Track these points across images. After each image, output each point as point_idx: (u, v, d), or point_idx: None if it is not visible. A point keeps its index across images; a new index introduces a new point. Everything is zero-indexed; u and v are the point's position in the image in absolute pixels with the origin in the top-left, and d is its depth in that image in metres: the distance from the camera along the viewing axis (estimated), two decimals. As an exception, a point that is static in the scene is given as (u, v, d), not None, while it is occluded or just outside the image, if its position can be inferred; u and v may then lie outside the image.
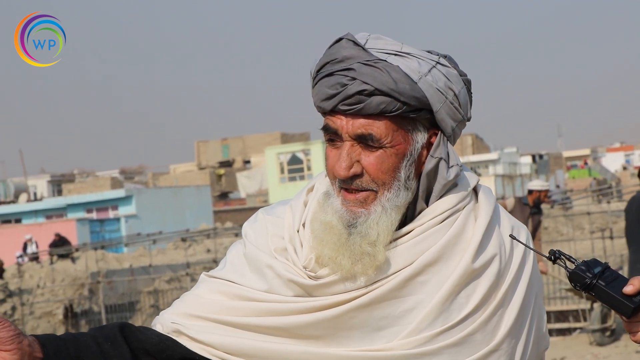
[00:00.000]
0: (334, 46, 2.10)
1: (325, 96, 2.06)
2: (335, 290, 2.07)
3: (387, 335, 2.06)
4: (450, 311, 2.08)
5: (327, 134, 2.09)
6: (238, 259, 2.23)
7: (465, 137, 75.56)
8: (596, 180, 61.82)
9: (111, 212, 49.36)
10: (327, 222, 2.08)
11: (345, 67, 2.05)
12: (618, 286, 2.01)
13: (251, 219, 2.27)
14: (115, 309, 22.41)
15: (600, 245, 18.47)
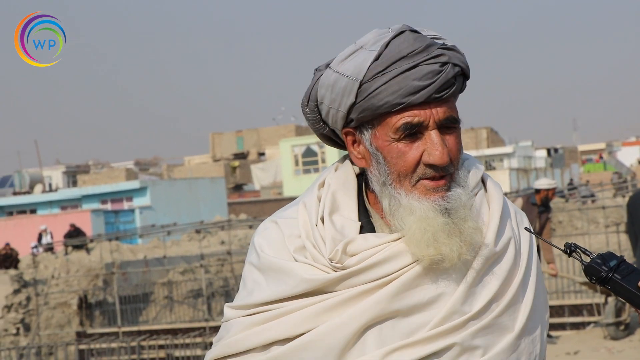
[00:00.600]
0: (397, 41, 2.06)
1: (415, 89, 2.02)
2: (361, 280, 2.06)
3: (417, 323, 2.06)
4: (477, 295, 2.09)
5: (404, 132, 2.05)
6: (255, 275, 2.20)
7: (480, 131, 75.37)
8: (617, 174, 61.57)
9: (126, 203, 49.44)
10: (423, 218, 2.05)
11: (434, 54, 2.05)
12: (634, 280, 2.01)
13: (260, 231, 2.23)
14: (129, 300, 22.48)
15: (615, 240, 18.42)
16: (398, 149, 2.06)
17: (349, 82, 2.06)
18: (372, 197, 2.18)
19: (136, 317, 22.37)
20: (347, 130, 2.14)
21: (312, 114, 2.19)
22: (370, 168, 2.12)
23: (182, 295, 23.65)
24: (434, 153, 2.05)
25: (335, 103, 2.10)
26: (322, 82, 2.12)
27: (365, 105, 2.05)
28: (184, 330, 19.03)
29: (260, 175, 67.48)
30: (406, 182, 2.07)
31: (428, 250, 2.03)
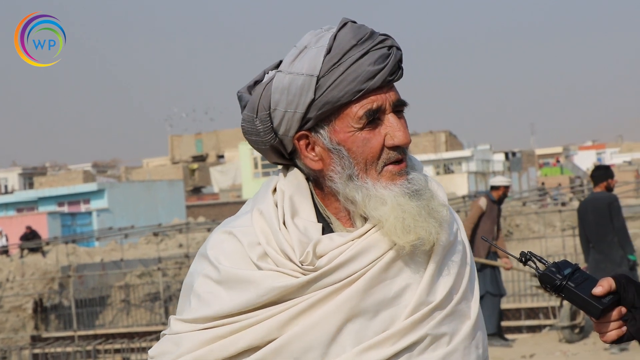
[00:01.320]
0: (342, 33, 2.09)
1: (372, 74, 2.06)
2: (331, 280, 2.05)
3: (389, 317, 2.07)
4: (438, 285, 2.12)
5: (366, 118, 2.08)
6: (212, 287, 2.13)
7: (438, 134, 75.76)
8: (579, 178, 62.14)
9: (83, 205, 49.11)
10: (397, 205, 2.06)
11: (379, 39, 2.09)
12: (587, 287, 2.02)
13: (213, 244, 2.17)
14: (85, 304, 22.32)
15: (571, 243, 18.55)
16: (362, 137, 2.08)
17: (305, 80, 2.07)
18: (324, 199, 2.18)
19: (92, 321, 22.21)
20: (300, 135, 2.12)
21: (263, 124, 2.14)
22: (330, 167, 2.11)
23: (140, 298, 23.53)
24: (396, 134, 2.09)
25: (292, 105, 2.09)
26: (275, 86, 2.10)
27: (326, 99, 2.06)
28: (141, 334, 18.91)
29: (219, 178, 67.37)
30: (372, 170, 2.09)
31: (408, 237, 2.05)
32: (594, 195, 11.58)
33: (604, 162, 77.81)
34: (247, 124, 2.18)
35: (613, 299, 2.01)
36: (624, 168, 68.67)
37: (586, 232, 11.40)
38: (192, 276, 2.19)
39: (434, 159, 70.20)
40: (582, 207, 11.73)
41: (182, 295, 2.24)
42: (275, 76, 2.12)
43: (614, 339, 2.04)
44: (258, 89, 2.15)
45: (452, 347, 2.11)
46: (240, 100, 2.21)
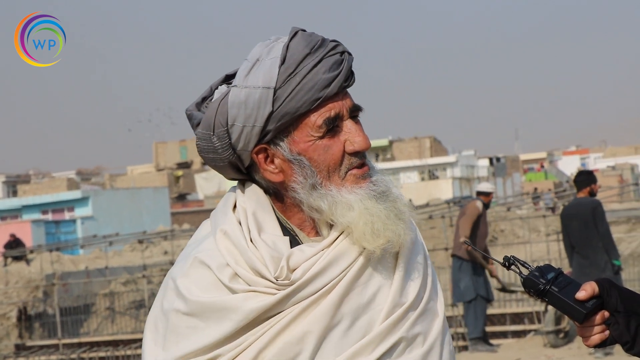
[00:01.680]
0: (294, 42, 2.08)
1: (328, 81, 2.05)
2: (307, 293, 2.04)
3: (366, 323, 2.07)
4: (408, 285, 2.13)
5: (326, 127, 2.07)
6: (188, 321, 2.07)
7: (423, 140, 75.94)
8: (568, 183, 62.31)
9: (67, 213, 48.99)
10: (364, 210, 2.06)
11: (331, 46, 2.08)
12: (571, 292, 2.03)
13: (181, 273, 2.10)
14: (70, 312, 22.23)
15: (556, 248, 18.61)
16: (323, 145, 2.07)
17: (263, 93, 2.04)
18: (285, 212, 2.16)
19: (77, 329, 22.12)
20: (259, 148, 2.09)
21: (221, 141, 2.10)
22: (292, 177, 2.09)
23: (124, 306, 23.46)
24: (356, 140, 2.09)
25: (250, 119, 2.06)
26: (231, 101, 2.06)
27: (284, 111, 2.04)
28: (126, 342, 18.85)
29: (203, 184, 67.36)
30: (335, 176, 2.08)
31: (378, 241, 2.05)
32: (577, 200, 11.62)
33: (587, 167, 78.14)
34: (203, 142, 2.13)
35: (596, 303, 2.02)
36: (607, 173, 68.94)
37: (570, 238, 11.43)
38: (163, 313, 2.12)
39: (418, 164, 70.37)
40: (565, 212, 11.76)
41: (153, 329, 2.14)
42: (231, 91, 2.08)
43: (597, 343, 2.05)
44: (212, 105, 2.11)
45: (428, 346, 2.12)
46: (190, 118, 2.16)
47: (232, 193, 2.19)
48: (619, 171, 72.47)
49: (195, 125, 2.14)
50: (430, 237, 29.69)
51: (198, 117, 2.14)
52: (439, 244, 21.92)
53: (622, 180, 65.99)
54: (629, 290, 2.10)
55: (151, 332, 2.14)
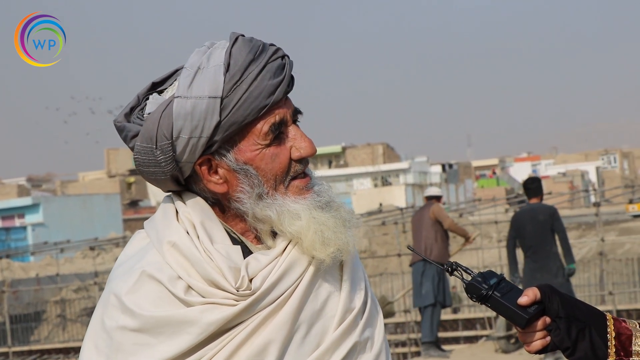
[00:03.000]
0: (236, 49, 2.01)
1: (274, 87, 2.00)
2: (267, 302, 2.01)
3: (321, 330, 2.06)
4: (355, 291, 2.13)
5: (272, 134, 2.02)
6: (136, 338, 1.99)
7: (376, 147, 76.15)
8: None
9: (17, 220, 48.49)
10: (311, 219, 2.03)
11: (272, 51, 2.03)
12: (513, 297, 2.04)
13: (127, 289, 2.00)
14: (20, 319, 21.99)
15: (507, 254, 18.74)
16: (271, 152, 2.02)
17: (209, 103, 1.97)
18: (227, 221, 2.11)
19: (27, 337, 21.90)
20: (202, 160, 2.03)
21: (165, 154, 2.01)
22: (238, 187, 2.04)
23: (76, 313, 23.28)
24: (302, 145, 2.06)
25: (197, 130, 1.98)
26: (176, 113, 1.98)
27: (232, 120, 1.98)
28: (77, 350, 18.61)
29: (156, 191, 66.80)
30: (281, 186, 2.04)
31: (328, 249, 2.02)
32: (531, 206, 11.69)
33: (539, 173, 78.87)
34: (143, 155, 2.03)
35: (538, 309, 2.03)
36: (558, 179, 69.71)
37: (522, 243, 11.52)
38: (106, 332, 2.02)
39: (371, 171, 70.58)
40: (518, 217, 11.83)
41: (92, 349, 2.04)
42: (175, 102, 1.99)
43: (538, 348, 2.07)
44: (152, 117, 2.01)
45: (377, 349, 2.11)
46: (121, 130, 2.07)
47: (170, 204, 2.12)
48: (570, 178, 73.30)
49: (130, 137, 2.05)
50: (384, 243, 29.81)
51: (132, 129, 2.04)
52: (392, 250, 22.02)
53: (572, 186, 66.73)
54: (570, 296, 2.12)
55: (90, 352, 2.04)
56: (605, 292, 16.09)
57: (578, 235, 30.71)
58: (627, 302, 17.52)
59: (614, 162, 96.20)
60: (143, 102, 2.10)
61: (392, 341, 16.18)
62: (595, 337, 2.07)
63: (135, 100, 2.10)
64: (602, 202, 22.28)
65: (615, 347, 2.07)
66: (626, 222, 33.76)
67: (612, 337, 2.08)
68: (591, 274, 20.21)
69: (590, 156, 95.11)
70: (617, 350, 2.07)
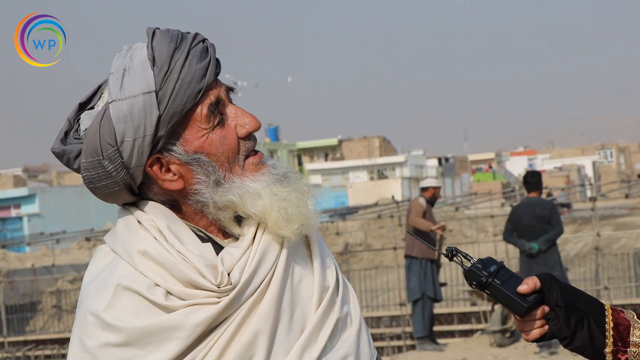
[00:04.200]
0: (157, 41, 1.99)
1: (203, 70, 1.99)
2: (247, 294, 1.99)
3: (301, 316, 2.04)
4: (326, 270, 2.13)
5: (213, 115, 2.00)
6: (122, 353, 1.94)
7: (372, 140, 76.11)
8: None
9: (13, 210, 48.43)
10: (273, 197, 2.01)
11: (191, 37, 2.02)
12: (513, 285, 2.04)
13: (100, 304, 1.95)
14: (15, 310, 21.97)
15: (503, 248, 18.78)
16: (218, 135, 2.01)
17: (146, 99, 1.95)
18: (189, 221, 2.08)
19: (23, 327, 21.89)
20: (152, 160, 2.00)
21: (113, 162, 1.98)
22: (194, 180, 2.02)
23: (71, 304, 23.24)
24: (246, 121, 2.05)
25: (140, 130, 1.96)
26: (115, 117, 1.95)
27: (172, 111, 1.96)
28: (73, 340, 18.66)
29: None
30: (236, 167, 2.03)
31: (292, 226, 2.01)
32: (530, 199, 11.73)
33: (535, 168, 78.87)
34: (91, 171, 2.00)
35: (537, 298, 2.03)
36: (554, 174, 69.74)
37: (519, 235, 11.56)
38: (88, 352, 1.97)
39: (367, 164, 70.58)
40: (516, 210, 11.87)
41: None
42: (110, 107, 1.96)
43: (536, 337, 2.07)
44: (91, 129, 1.98)
45: (357, 324, 2.11)
46: (62, 155, 2.04)
47: (129, 214, 2.08)
48: (566, 172, 73.31)
49: (74, 158, 2.02)
50: (380, 236, 29.82)
51: (73, 149, 2.02)
52: (388, 244, 22.03)
53: (568, 181, 66.76)
54: (570, 285, 2.12)
55: None
56: (601, 286, 16.10)
57: (574, 230, 30.73)
58: (622, 297, 17.54)
59: (611, 157, 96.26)
60: (75, 124, 2.07)
61: (387, 334, 16.19)
62: (594, 327, 2.07)
63: (67, 125, 2.08)
64: (598, 196, 22.29)
65: (613, 337, 2.08)
66: (622, 217, 33.79)
67: (610, 327, 2.08)
68: (587, 268, 20.23)
69: (586, 151, 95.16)
70: (614, 341, 2.07)
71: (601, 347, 2.07)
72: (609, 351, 2.07)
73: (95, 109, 2.04)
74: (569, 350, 2.09)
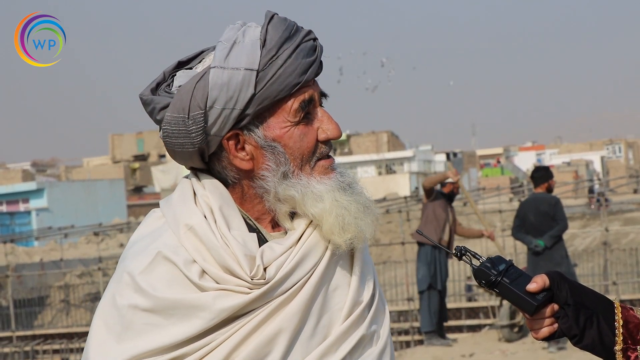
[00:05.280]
0: (272, 26, 2.03)
1: (307, 66, 2.02)
2: (280, 291, 2.00)
3: (327, 324, 2.05)
4: (363, 284, 2.13)
5: (302, 111, 2.04)
6: (148, 318, 1.98)
7: (380, 134, 76.16)
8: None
9: (22, 205, 48.56)
10: (334, 202, 2.03)
11: (305, 32, 2.06)
12: (522, 284, 2.03)
13: (141, 268, 2.00)
14: (24, 304, 22.02)
15: (511, 243, 18.76)
16: (299, 131, 2.04)
17: (246, 74, 1.99)
18: (243, 205, 2.11)
19: (31, 321, 21.94)
20: (231, 134, 2.03)
21: (196, 124, 2.01)
22: (264, 165, 2.05)
23: (79, 298, 23.30)
24: (329, 127, 2.07)
25: (231, 102, 2.00)
26: (212, 83, 1.99)
27: (266, 94, 2.00)
28: (81, 335, 18.71)
29: (160, 177, 66.94)
30: (307, 166, 2.05)
31: (346, 235, 2.03)
32: (535, 195, 11.74)
33: (543, 162, 78.75)
34: (173, 126, 2.03)
35: (547, 296, 2.03)
36: (562, 169, 69.57)
37: (526, 232, 11.56)
38: (117, 309, 2.00)
39: (376, 159, 70.58)
40: (523, 206, 11.87)
41: (102, 325, 2.02)
42: (211, 72, 2.00)
43: (546, 335, 2.06)
44: (185, 87, 2.02)
45: (382, 343, 2.11)
46: (148, 103, 2.08)
47: (188, 184, 2.12)
48: (574, 167, 73.15)
49: (159, 109, 2.05)
50: (387, 231, 29.80)
51: (161, 101, 2.05)
52: (396, 239, 22.03)
53: (577, 176, 66.64)
54: (579, 283, 2.11)
55: (99, 329, 2.02)
56: (609, 282, 16.10)
57: (582, 225, 30.66)
58: (630, 292, 17.51)
59: (619, 152, 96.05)
60: (169, 78, 2.10)
61: (395, 329, 16.19)
62: (603, 325, 2.06)
63: (162, 77, 2.12)
64: (607, 192, 22.25)
65: (622, 335, 2.07)
66: (631, 212, 33.70)
67: (619, 325, 2.07)
68: (595, 263, 20.21)
69: (595, 146, 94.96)
70: (624, 338, 2.07)
71: (611, 345, 2.06)
72: (618, 349, 2.06)
73: (194, 70, 2.07)
74: (579, 348, 2.09)
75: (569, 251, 13.28)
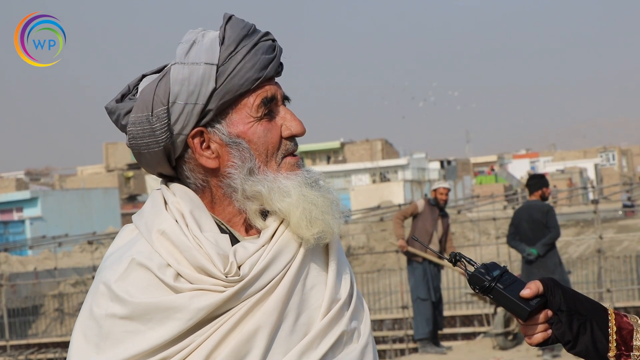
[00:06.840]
0: (230, 25, 2.08)
1: (266, 62, 2.07)
2: (255, 289, 2.01)
3: (306, 321, 2.06)
4: (340, 282, 2.14)
5: (264, 107, 2.08)
6: (126, 325, 1.99)
7: (375, 142, 76.14)
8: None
9: (16, 214, 48.47)
10: (301, 197, 2.05)
11: (263, 32, 2.10)
12: (516, 290, 2.04)
13: (117, 276, 2.01)
14: (18, 313, 21.99)
15: (506, 251, 18.76)
16: (263, 127, 2.07)
17: (206, 69, 2.03)
18: (214, 208, 2.13)
19: (25, 331, 21.90)
20: (195, 132, 2.07)
21: (160, 121, 2.05)
22: (229, 162, 2.07)
23: (74, 307, 23.25)
24: (292, 124, 2.11)
25: (193, 96, 2.03)
26: (174, 78, 2.04)
27: (227, 88, 2.04)
28: (75, 344, 18.65)
29: (155, 185, 66.63)
30: (272, 162, 2.09)
31: (313, 229, 2.05)
32: (528, 203, 11.79)
33: (537, 170, 78.89)
34: (137, 126, 2.07)
35: (540, 302, 2.04)
36: (557, 176, 69.72)
37: (520, 239, 11.59)
38: (94, 320, 2.01)
39: (370, 167, 70.59)
40: (517, 214, 11.91)
41: (80, 339, 2.03)
42: (172, 68, 2.06)
43: (539, 341, 2.07)
44: (149, 86, 2.07)
45: (364, 341, 2.12)
46: (113, 111, 2.11)
47: (159, 194, 2.15)
48: (568, 175, 73.29)
49: (124, 114, 2.09)
50: (382, 239, 29.79)
51: (126, 106, 2.09)
52: (390, 247, 21.99)
53: (571, 183, 66.78)
54: (573, 290, 2.13)
55: (78, 341, 2.03)
56: (603, 289, 16.10)
57: (576, 232, 30.72)
58: (625, 300, 17.52)
59: (613, 160, 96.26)
60: (134, 89, 2.15)
61: (389, 337, 16.19)
62: (597, 331, 2.07)
63: (126, 89, 2.16)
64: (601, 199, 22.27)
65: (616, 341, 2.07)
66: (624, 219, 33.75)
67: (613, 331, 2.08)
68: (589, 271, 20.22)
69: (588, 153, 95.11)
70: (617, 345, 2.07)
71: (604, 352, 2.07)
72: (612, 355, 2.07)
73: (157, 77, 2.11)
74: (573, 354, 2.09)
75: (563, 259, 13.30)
